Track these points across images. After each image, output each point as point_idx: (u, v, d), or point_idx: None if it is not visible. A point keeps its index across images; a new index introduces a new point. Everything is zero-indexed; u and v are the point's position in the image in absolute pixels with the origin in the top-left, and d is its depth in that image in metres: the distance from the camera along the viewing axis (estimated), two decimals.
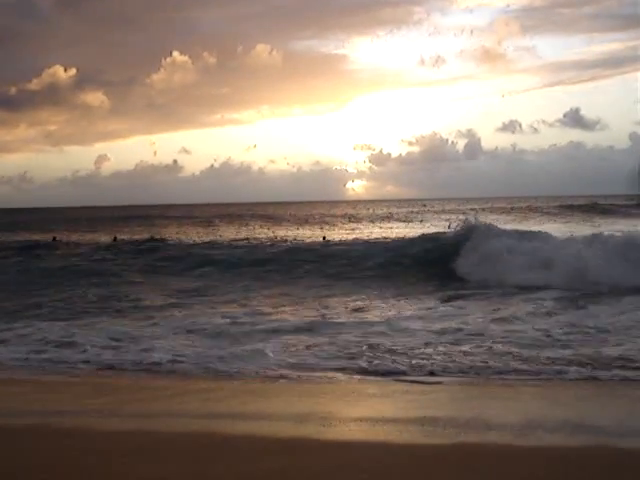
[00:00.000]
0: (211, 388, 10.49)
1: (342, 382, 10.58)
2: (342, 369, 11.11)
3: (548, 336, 12.68)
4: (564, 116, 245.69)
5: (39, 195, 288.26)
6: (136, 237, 40.64)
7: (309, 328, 14.32)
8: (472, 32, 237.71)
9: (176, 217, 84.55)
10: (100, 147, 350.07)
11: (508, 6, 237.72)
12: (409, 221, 69.32)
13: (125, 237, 42.25)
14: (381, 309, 17.22)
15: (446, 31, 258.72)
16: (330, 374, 10.91)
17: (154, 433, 7.87)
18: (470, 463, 6.47)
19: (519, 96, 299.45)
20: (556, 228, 42.74)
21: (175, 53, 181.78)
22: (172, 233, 48.10)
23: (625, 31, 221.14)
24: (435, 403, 9.35)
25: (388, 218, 75.35)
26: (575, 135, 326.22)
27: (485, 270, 20.36)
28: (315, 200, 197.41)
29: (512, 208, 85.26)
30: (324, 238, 38.79)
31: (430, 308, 16.73)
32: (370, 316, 16.11)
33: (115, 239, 40.37)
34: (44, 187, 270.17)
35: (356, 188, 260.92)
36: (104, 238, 42.84)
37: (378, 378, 10.71)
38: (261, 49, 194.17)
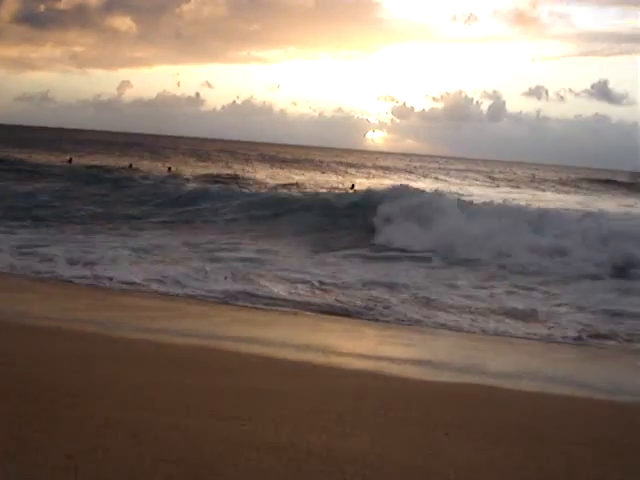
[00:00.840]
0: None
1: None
2: None
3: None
4: (592, 87, 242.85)
5: (59, 115, 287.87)
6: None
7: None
8: None
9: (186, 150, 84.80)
10: (124, 73, 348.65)
11: None
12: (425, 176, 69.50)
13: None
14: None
15: None
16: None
17: (160, 345, 8.19)
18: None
19: (548, 63, 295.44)
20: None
21: None
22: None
23: None
24: None
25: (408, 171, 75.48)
26: (601, 108, 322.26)
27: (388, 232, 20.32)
28: (333, 147, 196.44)
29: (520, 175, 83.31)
30: (352, 187, 40.21)
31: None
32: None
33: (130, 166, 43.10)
34: (65, 108, 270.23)
35: (376, 139, 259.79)
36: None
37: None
38: None
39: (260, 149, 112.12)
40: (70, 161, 44.60)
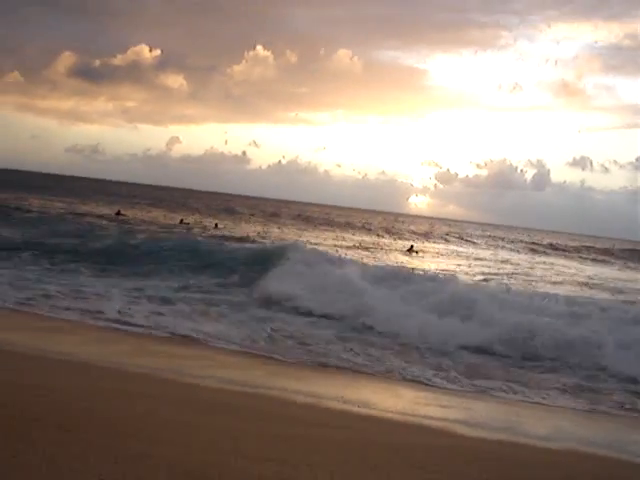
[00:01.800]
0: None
1: None
2: None
3: None
4: (636, 159, 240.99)
5: (109, 168, 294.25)
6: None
7: None
8: (556, 63, 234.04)
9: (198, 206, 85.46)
10: (173, 129, 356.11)
11: (595, 42, 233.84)
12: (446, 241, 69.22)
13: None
14: None
15: (530, 59, 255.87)
16: None
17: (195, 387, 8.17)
18: None
19: (593, 134, 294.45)
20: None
21: (258, 47, 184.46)
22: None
23: None
24: None
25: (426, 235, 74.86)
26: None
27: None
28: (377, 209, 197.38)
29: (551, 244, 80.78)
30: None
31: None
32: None
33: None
34: (114, 161, 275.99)
35: (419, 203, 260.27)
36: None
37: None
38: (343, 54, 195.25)
39: (299, 208, 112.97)
40: (118, 214, 45.20)
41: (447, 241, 68.61)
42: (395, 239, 60.52)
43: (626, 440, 8.77)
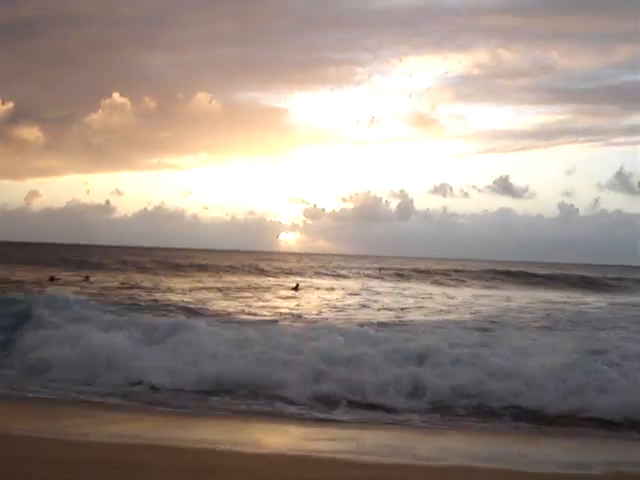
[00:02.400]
0: None
1: None
2: None
3: None
4: (494, 182, 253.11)
5: None
6: None
7: None
8: (410, 95, 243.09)
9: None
10: (32, 183, 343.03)
11: (446, 73, 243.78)
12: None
13: None
14: None
15: (385, 93, 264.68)
16: None
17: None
18: None
19: (451, 161, 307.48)
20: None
21: (115, 94, 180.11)
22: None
23: (556, 105, 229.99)
24: None
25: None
26: (503, 202, 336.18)
27: None
28: (247, 249, 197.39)
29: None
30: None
31: None
32: None
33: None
34: None
35: (289, 240, 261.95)
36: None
37: None
38: (201, 97, 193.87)
39: (169, 254, 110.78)
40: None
41: (320, 275, 69.55)
42: (277, 277, 60.65)
43: (512, 452, 9.19)
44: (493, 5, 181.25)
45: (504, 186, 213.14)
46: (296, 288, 47.31)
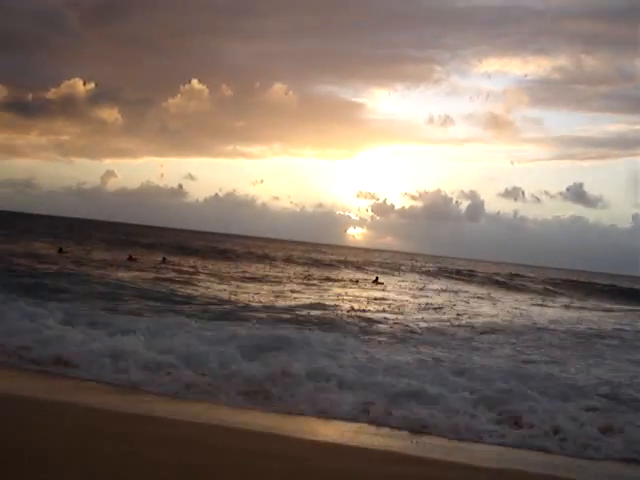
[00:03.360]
0: None
1: None
2: None
3: None
4: (567, 190, 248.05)
5: (42, 202, 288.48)
6: None
7: None
8: (487, 96, 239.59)
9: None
10: (108, 163, 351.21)
11: (526, 76, 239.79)
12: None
13: None
14: None
15: (462, 92, 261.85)
16: None
17: None
18: None
19: (524, 165, 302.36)
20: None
21: (194, 81, 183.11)
22: None
23: (636, 114, 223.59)
24: None
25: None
26: (575, 210, 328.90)
27: None
28: (314, 242, 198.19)
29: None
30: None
31: None
32: None
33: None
34: (48, 195, 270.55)
35: (356, 235, 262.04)
36: None
37: None
38: (278, 88, 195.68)
39: (231, 242, 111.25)
40: (61, 251, 44.18)
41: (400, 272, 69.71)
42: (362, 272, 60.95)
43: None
44: (576, 9, 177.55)
45: (577, 194, 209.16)
46: (376, 281, 48.31)
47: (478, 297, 43.49)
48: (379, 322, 22.71)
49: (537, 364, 16.12)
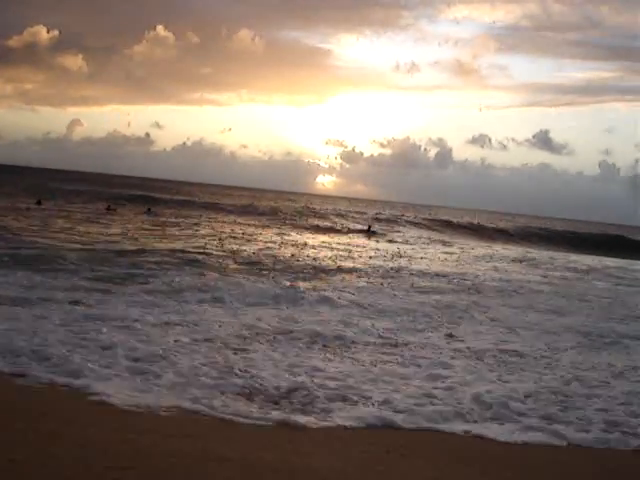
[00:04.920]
0: None
1: None
2: None
3: None
4: (533, 137, 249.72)
5: (6, 152, 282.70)
6: None
7: None
8: (456, 43, 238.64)
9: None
10: (74, 111, 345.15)
11: (494, 22, 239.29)
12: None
13: None
14: None
15: (430, 39, 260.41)
16: None
17: None
18: None
19: (492, 112, 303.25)
20: None
21: (159, 27, 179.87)
22: None
23: (603, 61, 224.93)
24: None
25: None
26: (542, 157, 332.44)
27: None
28: (284, 190, 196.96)
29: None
30: None
31: None
32: None
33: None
34: (12, 145, 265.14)
35: (326, 183, 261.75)
36: None
37: None
38: (244, 34, 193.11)
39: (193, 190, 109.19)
40: (39, 203, 43.14)
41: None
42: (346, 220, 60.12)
43: None
44: None
45: (544, 141, 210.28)
46: (368, 230, 47.29)
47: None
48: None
49: None
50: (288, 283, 18.99)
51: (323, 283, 19.93)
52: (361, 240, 42.02)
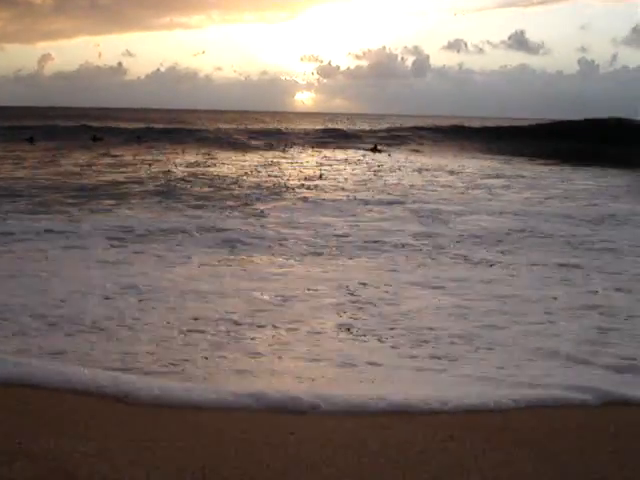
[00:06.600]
0: None
1: None
2: None
3: None
4: (509, 38, 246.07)
5: None
6: None
7: None
8: None
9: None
10: (43, 46, 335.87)
11: None
12: None
13: None
14: None
15: None
16: None
17: None
18: None
19: (466, 15, 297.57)
20: None
21: None
22: None
23: None
24: None
25: None
26: (519, 58, 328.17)
27: None
28: (262, 110, 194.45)
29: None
30: None
31: None
32: None
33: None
34: None
35: (305, 100, 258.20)
36: None
37: None
38: None
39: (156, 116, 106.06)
40: (31, 141, 42.21)
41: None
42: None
43: None
44: None
45: (520, 42, 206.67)
46: (375, 149, 45.12)
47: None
48: None
49: None
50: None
51: None
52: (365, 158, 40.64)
